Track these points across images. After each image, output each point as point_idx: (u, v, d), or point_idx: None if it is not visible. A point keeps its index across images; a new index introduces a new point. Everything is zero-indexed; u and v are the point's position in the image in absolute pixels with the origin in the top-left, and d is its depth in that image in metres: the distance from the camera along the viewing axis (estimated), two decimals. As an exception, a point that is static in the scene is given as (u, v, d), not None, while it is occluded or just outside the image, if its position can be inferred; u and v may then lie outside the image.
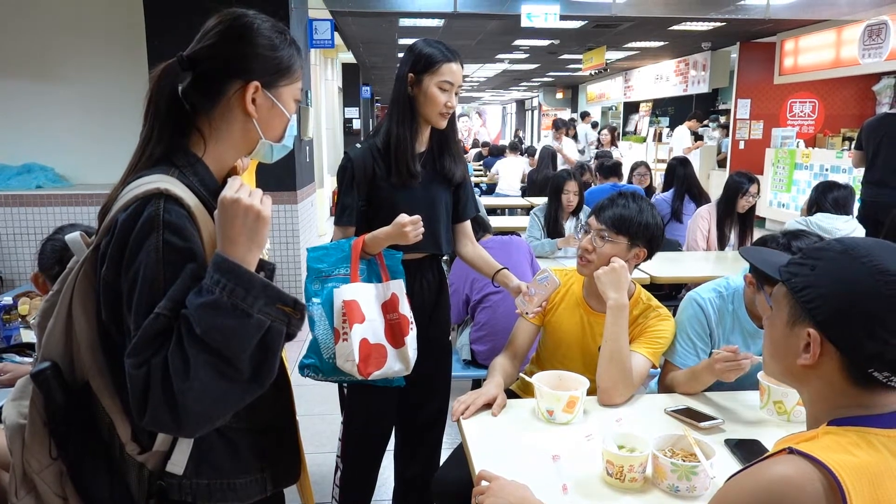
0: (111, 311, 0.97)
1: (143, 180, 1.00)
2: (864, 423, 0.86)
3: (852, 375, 0.86)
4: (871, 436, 0.85)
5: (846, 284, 0.86)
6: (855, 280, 0.85)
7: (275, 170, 4.46)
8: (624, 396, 1.74)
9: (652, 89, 13.22)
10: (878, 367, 0.84)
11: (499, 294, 2.70)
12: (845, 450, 0.83)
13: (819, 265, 0.89)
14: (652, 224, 1.85)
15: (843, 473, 0.79)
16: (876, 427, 0.85)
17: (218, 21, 1.08)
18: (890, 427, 0.85)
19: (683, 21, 8.23)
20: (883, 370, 0.84)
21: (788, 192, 8.24)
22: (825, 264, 0.89)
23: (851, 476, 0.80)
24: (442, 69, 1.88)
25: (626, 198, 1.87)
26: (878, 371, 0.84)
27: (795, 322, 0.90)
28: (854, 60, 7.60)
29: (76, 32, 5.21)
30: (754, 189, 3.73)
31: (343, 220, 1.96)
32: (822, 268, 0.89)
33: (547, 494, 1.26)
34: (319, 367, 1.81)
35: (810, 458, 0.82)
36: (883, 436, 0.85)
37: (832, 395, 0.89)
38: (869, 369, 0.85)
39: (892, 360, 0.84)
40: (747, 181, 3.73)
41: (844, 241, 0.91)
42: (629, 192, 1.91)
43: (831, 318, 0.86)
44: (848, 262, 0.87)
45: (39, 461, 1.02)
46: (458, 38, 9.68)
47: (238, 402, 0.97)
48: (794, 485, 0.81)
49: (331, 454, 2.15)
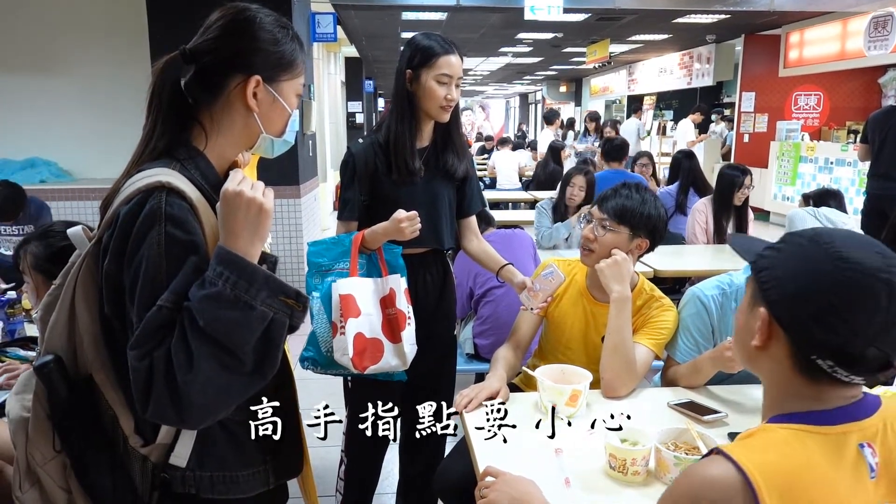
0: (114, 304, 0.98)
1: (145, 173, 1.00)
2: (805, 421, 0.84)
3: (799, 362, 0.85)
4: (806, 434, 0.83)
5: (803, 268, 0.85)
6: (813, 264, 0.84)
7: (278, 164, 4.46)
8: (628, 388, 1.74)
9: (656, 82, 13.17)
10: (821, 355, 0.82)
11: (502, 288, 2.69)
12: (774, 450, 0.82)
13: (785, 249, 0.89)
14: (654, 215, 1.85)
15: (759, 477, 0.79)
16: (816, 424, 0.84)
17: (220, 15, 1.08)
18: (831, 423, 0.84)
19: (687, 14, 8.18)
20: (826, 358, 0.82)
21: (793, 186, 8.20)
22: (791, 248, 0.88)
23: (767, 479, 0.79)
24: (439, 62, 1.86)
25: (629, 188, 1.87)
26: (822, 359, 0.83)
27: (755, 304, 0.90)
28: (860, 53, 7.55)
29: (79, 27, 5.21)
30: (748, 181, 3.73)
31: (345, 215, 1.96)
32: (786, 251, 0.88)
33: (550, 488, 1.26)
34: (317, 360, 1.82)
35: (731, 460, 0.81)
36: (820, 433, 0.83)
37: (782, 383, 0.88)
38: (812, 356, 0.83)
39: (837, 348, 0.82)
40: (741, 173, 3.73)
41: (818, 229, 0.90)
42: (633, 183, 1.91)
43: (782, 300, 0.86)
44: (811, 248, 0.86)
45: (43, 454, 1.03)
46: (461, 32, 9.64)
47: (241, 394, 0.98)
48: (713, 487, 0.81)
49: (335, 447, 2.15)
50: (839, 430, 0.84)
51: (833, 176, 7.57)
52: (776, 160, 8.54)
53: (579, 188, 3.81)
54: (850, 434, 0.84)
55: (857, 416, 0.85)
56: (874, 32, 7.22)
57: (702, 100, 11.25)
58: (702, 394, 1.76)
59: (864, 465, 0.83)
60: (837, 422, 0.84)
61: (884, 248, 0.85)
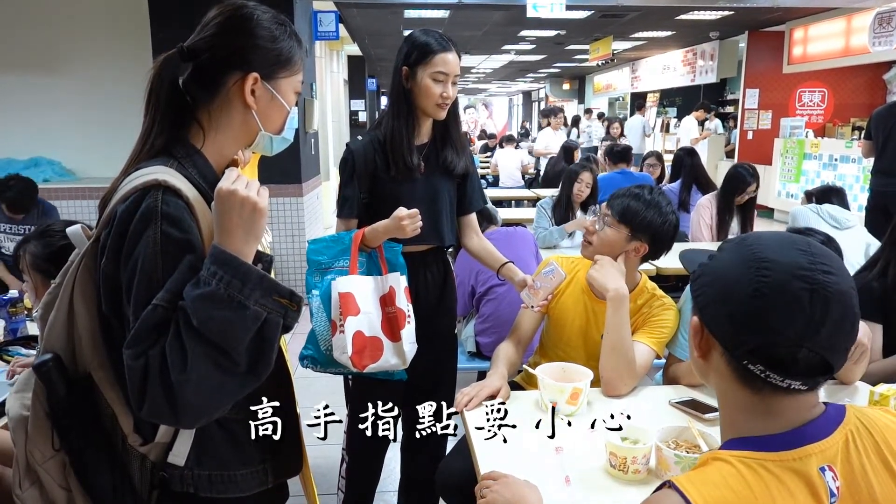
0: (111, 302, 0.98)
1: (142, 172, 1.00)
2: (760, 447, 0.80)
3: (736, 371, 0.82)
4: (761, 464, 0.79)
5: (724, 272, 0.83)
6: (733, 267, 0.82)
7: (280, 162, 4.46)
8: (628, 387, 1.74)
9: (659, 79, 13.13)
10: (750, 360, 0.80)
11: (503, 286, 2.69)
12: (726, 484, 0.79)
13: (717, 257, 0.87)
14: (657, 223, 1.83)
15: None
16: (772, 450, 0.80)
17: (218, 12, 1.08)
18: (788, 448, 0.80)
19: (691, 10, 8.15)
20: (757, 363, 0.79)
21: (797, 183, 8.17)
22: (721, 255, 0.86)
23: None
24: (435, 60, 1.85)
25: (643, 190, 1.87)
26: (752, 364, 0.80)
27: (692, 314, 0.88)
28: (864, 49, 7.51)
29: (82, 26, 5.22)
30: (753, 188, 3.74)
31: (345, 213, 1.95)
32: (717, 259, 0.86)
33: (550, 486, 1.26)
34: (317, 359, 1.81)
35: (682, 495, 0.78)
36: (777, 461, 0.79)
37: (730, 397, 0.85)
38: (743, 361, 0.80)
39: (762, 351, 0.79)
40: (749, 176, 3.71)
41: (747, 234, 0.88)
42: (648, 187, 1.91)
43: (706, 305, 0.84)
44: (737, 251, 0.83)
45: (42, 452, 1.03)
46: (463, 30, 9.63)
47: (235, 393, 0.97)
48: None
49: (336, 446, 2.16)
50: (797, 454, 0.79)
51: (837, 173, 7.54)
52: (780, 157, 8.51)
53: (586, 184, 3.81)
54: (809, 458, 0.79)
55: (816, 437, 0.81)
56: (879, 28, 7.18)
57: (705, 97, 11.22)
58: (703, 392, 1.75)
59: (825, 492, 0.78)
60: (795, 445, 0.80)
61: (815, 248, 0.81)
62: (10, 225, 3.68)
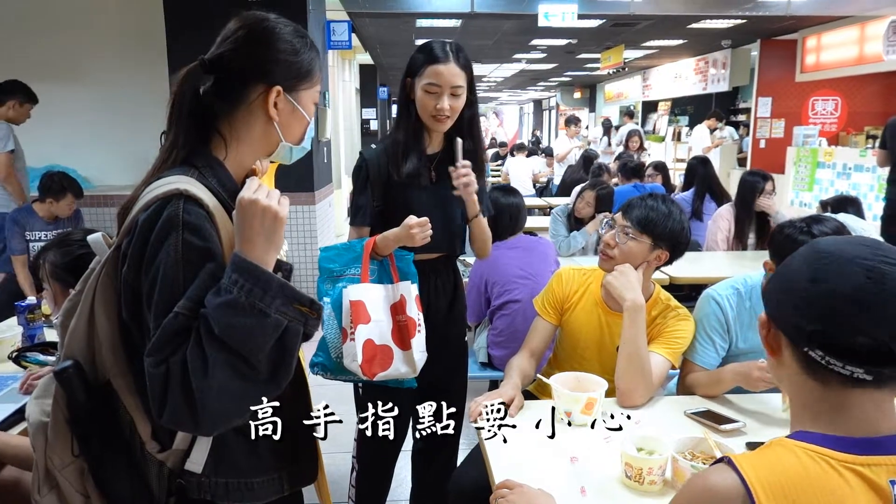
0: (132, 310, 0.99)
1: (163, 181, 1.01)
2: (827, 444, 0.81)
3: (801, 362, 0.84)
4: (825, 458, 0.79)
5: (789, 265, 0.87)
6: (796, 260, 0.86)
7: (293, 171, 4.48)
8: (644, 398, 1.73)
9: (671, 88, 13.10)
10: (810, 346, 0.81)
11: (519, 302, 2.69)
12: (784, 466, 0.80)
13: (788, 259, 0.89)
14: (678, 230, 1.83)
15: (761, 492, 0.77)
16: (839, 450, 0.80)
17: (239, 25, 1.09)
18: (857, 452, 0.79)
19: (703, 19, 8.14)
20: (815, 348, 0.81)
21: (811, 192, 8.11)
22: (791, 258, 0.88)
23: (770, 496, 0.77)
24: (425, 72, 1.82)
25: (656, 199, 1.86)
26: (812, 350, 0.81)
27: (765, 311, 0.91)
28: (878, 57, 7.46)
29: (97, 35, 5.28)
30: (769, 187, 3.69)
31: (357, 221, 1.96)
32: (787, 260, 0.89)
33: (565, 497, 1.26)
34: (327, 366, 1.82)
35: (736, 471, 0.80)
36: (842, 460, 0.79)
37: (800, 392, 0.87)
38: (804, 348, 0.82)
39: (821, 337, 0.80)
40: (761, 179, 3.69)
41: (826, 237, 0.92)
42: (660, 195, 1.91)
43: (771, 297, 0.87)
44: (805, 249, 0.87)
45: (62, 458, 1.04)
46: (474, 39, 9.66)
47: (255, 401, 0.98)
48: (714, 496, 0.81)
49: (347, 454, 2.16)
50: (867, 460, 0.79)
51: (851, 181, 7.47)
52: (793, 166, 8.45)
53: (587, 203, 3.85)
54: (880, 467, 0.79)
55: (893, 450, 0.80)
56: (893, 36, 7.13)
57: (717, 105, 11.17)
58: (719, 402, 1.74)
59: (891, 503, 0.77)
60: (865, 452, 0.80)
61: (882, 245, 0.82)
62: (44, 232, 3.74)
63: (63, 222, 3.77)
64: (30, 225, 3.72)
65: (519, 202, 2.93)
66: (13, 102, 4.14)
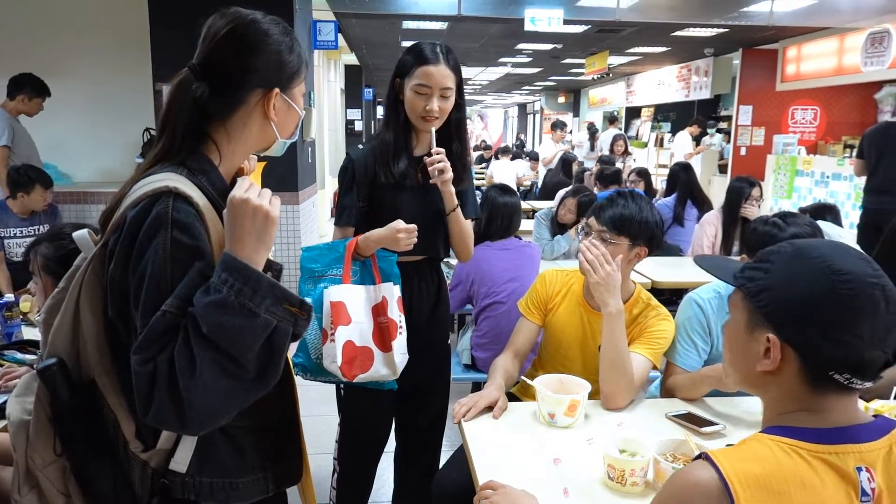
0: (118, 308, 0.98)
1: (153, 178, 1.00)
2: (798, 437, 0.85)
3: (810, 379, 0.86)
4: (793, 449, 0.84)
5: (801, 286, 0.86)
6: (810, 281, 0.85)
7: (277, 170, 4.46)
8: (627, 399, 1.74)
9: (654, 94, 13.23)
10: (838, 370, 0.84)
11: (504, 305, 2.70)
12: (759, 460, 0.83)
13: (773, 268, 0.89)
14: (651, 221, 1.85)
15: (738, 485, 0.81)
16: (810, 442, 0.85)
17: (225, 23, 1.06)
18: (827, 443, 0.85)
19: (686, 27, 8.24)
20: (843, 372, 0.84)
21: (789, 199, 8.23)
22: (779, 267, 0.89)
23: (747, 489, 0.81)
24: (415, 73, 1.82)
25: (625, 197, 1.87)
26: (839, 373, 0.84)
27: (754, 328, 0.90)
28: (856, 68, 7.61)
29: (79, 31, 5.22)
30: (756, 193, 3.74)
31: (342, 221, 1.95)
32: (775, 270, 0.89)
33: (548, 498, 1.26)
34: (307, 367, 1.80)
35: (714, 466, 0.83)
36: (813, 451, 0.84)
37: (785, 399, 0.89)
38: (829, 371, 0.84)
39: (853, 361, 0.83)
40: (747, 185, 3.74)
41: (795, 242, 0.91)
42: (627, 192, 1.91)
43: (789, 322, 0.86)
44: (801, 264, 0.87)
45: (43, 457, 1.02)
46: (461, 41, 9.68)
47: (243, 401, 0.98)
48: (694, 491, 0.84)
49: (329, 455, 2.15)
50: (834, 449, 0.84)
51: (829, 189, 7.60)
52: (773, 173, 8.58)
53: (568, 210, 3.90)
54: (846, 455, 0.84)
55: (858, 439, 0.85)
56: (871, 48, 7.28)
57: (699, 112, 11.30)
58: (700, 406, 1.76)
59: (856, 489, 0.83)
60: (833, 442, 0.84)
61: (862, 254, 0.87)
62: (20, 228, 3.68)
63: (39, 216, 3.72)
64: (3, 222, 3.66)
65: (515, 202, 2.94)
66: (23, 96, 4.25)
